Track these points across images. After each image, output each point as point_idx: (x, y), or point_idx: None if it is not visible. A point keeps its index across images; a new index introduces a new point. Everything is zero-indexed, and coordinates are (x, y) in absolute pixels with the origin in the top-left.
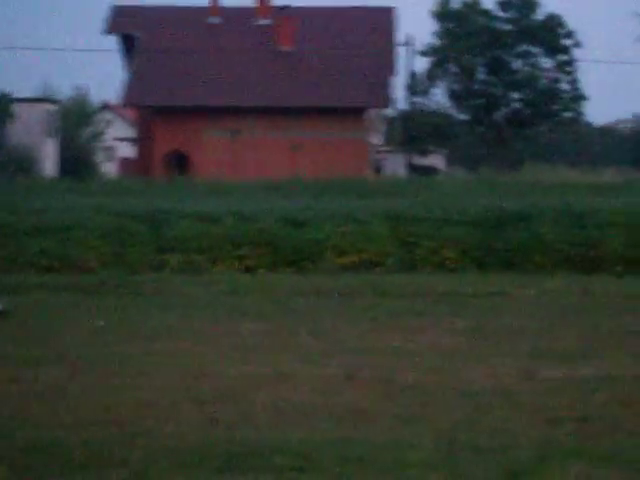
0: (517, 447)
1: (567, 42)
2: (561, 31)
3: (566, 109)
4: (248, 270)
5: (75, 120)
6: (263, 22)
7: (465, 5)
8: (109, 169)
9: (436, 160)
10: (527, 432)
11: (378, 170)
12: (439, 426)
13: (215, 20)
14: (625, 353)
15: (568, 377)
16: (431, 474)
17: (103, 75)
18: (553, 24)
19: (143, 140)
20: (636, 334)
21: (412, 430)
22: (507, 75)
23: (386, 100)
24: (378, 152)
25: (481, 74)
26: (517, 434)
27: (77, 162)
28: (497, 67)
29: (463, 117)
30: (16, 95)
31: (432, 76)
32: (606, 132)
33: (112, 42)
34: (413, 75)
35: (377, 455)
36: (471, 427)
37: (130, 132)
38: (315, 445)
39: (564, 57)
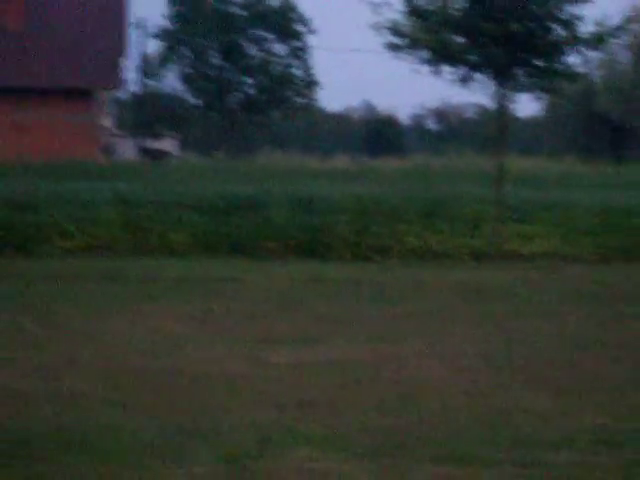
0: (241, 432)
1: (300, 28)
2: (294, 17)
3: (299, 95)
4: None
5: None
6: None
7: None
8: None
9: (169, 144)
10: (252, 417)
11: (109, 153)
12: (161, 411)
13: None
14: (347, 338)
15: (294, 362)
16: (151, 459)
17: None
18: (286, 10)
19: None
20: (360, 320)
21: (133, 415)
22: (241, 60)
23: (116, 82)
24: (109, 135)
25: (215, 59)
26: (242, 419)
27: None
28: (231, 52)
29: (196, 102)
30: None
31: (165, 59)
32: (339, 119)
33: None
34: (145, 58)
35: (97, 441)
36: (195, 412)
37: None
38: (34, 432)
39: (297, 43)
